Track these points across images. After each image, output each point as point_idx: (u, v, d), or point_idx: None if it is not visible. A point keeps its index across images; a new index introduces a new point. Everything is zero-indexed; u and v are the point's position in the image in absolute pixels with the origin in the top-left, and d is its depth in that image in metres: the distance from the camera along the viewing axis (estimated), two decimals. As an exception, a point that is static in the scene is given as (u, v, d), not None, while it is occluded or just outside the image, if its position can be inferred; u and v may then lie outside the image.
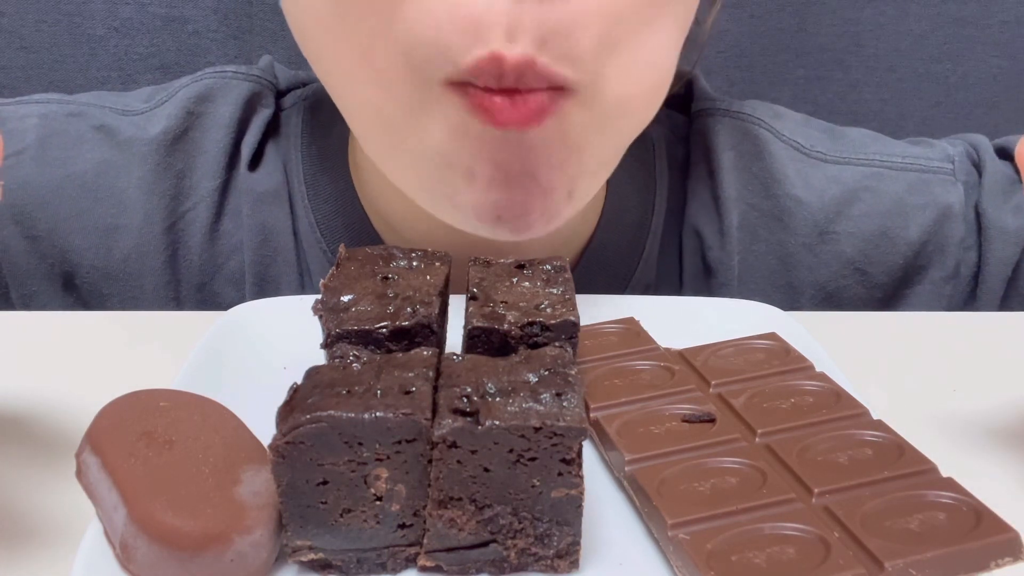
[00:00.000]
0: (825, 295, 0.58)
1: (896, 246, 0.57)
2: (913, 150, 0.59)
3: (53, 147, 0.54)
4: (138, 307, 0.56)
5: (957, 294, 0.58)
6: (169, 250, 0.55)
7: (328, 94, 0.47)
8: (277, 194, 0.55)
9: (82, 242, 0.55)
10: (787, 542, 0.29)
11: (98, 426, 0.33)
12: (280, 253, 0.56)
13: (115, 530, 0.30)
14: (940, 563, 0.29)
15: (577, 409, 0.29)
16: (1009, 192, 0.57)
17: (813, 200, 0.56)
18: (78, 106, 0.56)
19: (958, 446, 0.39)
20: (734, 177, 0.56)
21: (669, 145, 0.59)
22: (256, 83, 0.57)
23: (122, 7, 0.78)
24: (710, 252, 0.57)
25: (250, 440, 0.33)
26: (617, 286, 0.56)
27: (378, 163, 0.46)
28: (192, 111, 0.55)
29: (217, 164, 0.55)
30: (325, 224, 0.55)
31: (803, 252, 0.57)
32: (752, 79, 0.85)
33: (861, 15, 0.83)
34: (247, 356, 0.42)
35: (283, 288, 0.56)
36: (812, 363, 0.40)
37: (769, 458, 0.34)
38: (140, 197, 0.54)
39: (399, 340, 0.35)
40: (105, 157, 0.55)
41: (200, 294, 0.56)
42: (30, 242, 0.55)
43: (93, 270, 0.55)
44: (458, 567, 0.31)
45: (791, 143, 0.57)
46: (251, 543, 0.29)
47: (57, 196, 0.54)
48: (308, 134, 0.56)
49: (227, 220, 0.56)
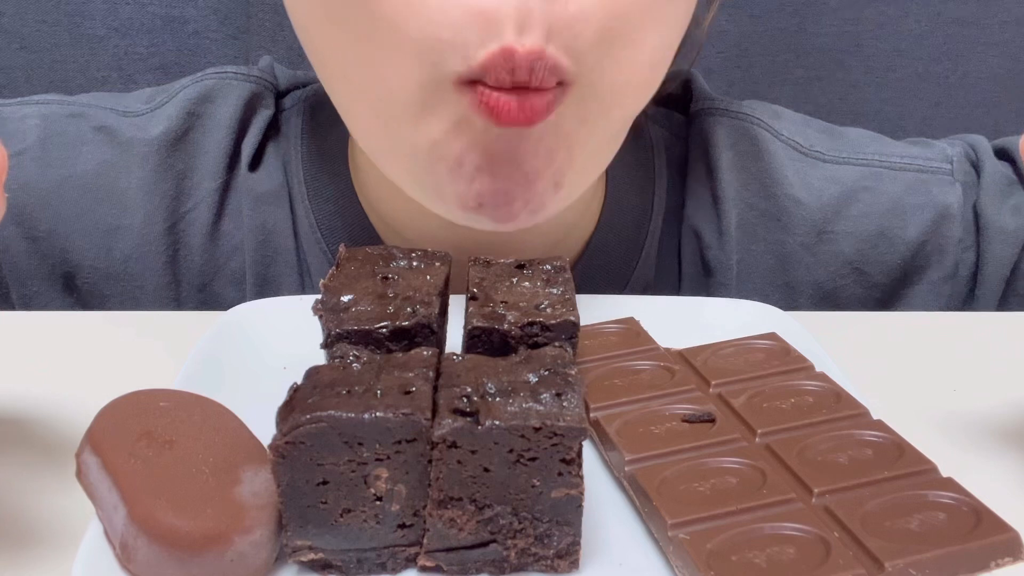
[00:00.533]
0: (823, 295, 0.58)
1: (894, 246, 0.57)
2: (912, 150, 0.59)
3: (54, 148, 0.54)
4: (138, 308, 0.56)
5: (956, 294, 0.58)
6: (170, 251, 0.55)
7: (327, 96, 0.47)
8: (277, 195, 0.55)
9: (83, 243, 0.55)
10: (787, 542, 0.29)
11: (98, 426, 0.33)
12: (280, 253, 0.56)
13: (115, 530, 0.30)
14: (940, 563, 0.29)
15: (577, 409, 0.29)
16: (1007, 192, 0.57)
17: (811, 200, 0.56)
18: (79, 107, 0.56)
19: (958, 446, 0.39)
20: (733, 177, 0.56)
21: (668, 145, 0.59)
22: (256, 84, 0.57)
23: (122, 7, 0.78)
24: (709, 252, 0.57)
25: (250, 440, 0.33)
26: (616, 286, 0.56)
27: (372, 156, 0.47)
28: (193, 112, 0.55)
29: (218, 165, 0.55)
30: (325, 224, 0.55)
31: (801, 252, 0.57)
32: (752, 79, 0.85)
33: (861, 15, 0.83)
34: (247, 356, 0.42)
35: (284, 288, 0.56)
36: (812, 363, 0.40)
37: (769, 458, 0.34)
38: (141, 198, 0.54)
39: (399, 340, 0.35)
40: (106, 158, 0.55)
41: (201, 294, 0.56)
42: (31, 243, 0.55)
43: (94, 271, 0.55)
44: (458, 567, 0.31)
45: (790, 143, 0.57)
46: (251, 543, 0.29)
47: (58, 197, 0.54)
48: (308, 135, 0.56)
49: (228, 220, 0.56)
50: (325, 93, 0.47)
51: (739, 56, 0.84)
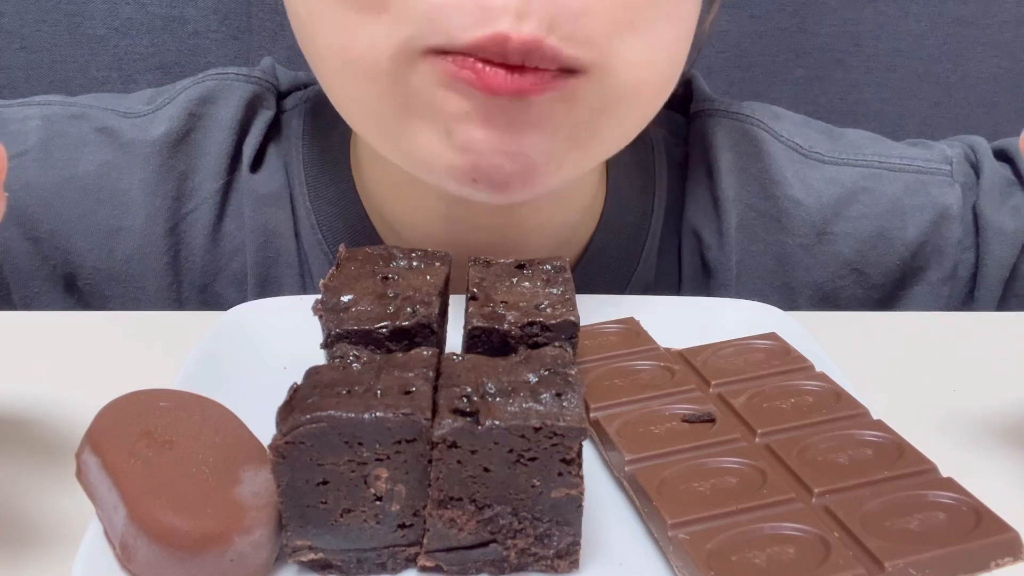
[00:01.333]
0: (822, 295, 0.58)
1: (893, 247, 0.57)
2: (911, 151, 0.59)
3: (56, 149, 0.54)
4: (140, 308, 0.56)
5: (955, 295, 0.58)
6: (171, 251, 0.55)
7: (327, 97, 0.47)
8: (278, 196, 0.56)
9: (84, 244, 0.55)
10: (787, 542, 0.29)
11: (98, 426, 0.33)
12: (282, 254, 0.56)
13: (115, 530, 0.30)
14: (940, 563, 0.29)
15: (577, 409, 0.29)
16: (1007, 193, 0.57)
17: (811, 201, 0.56)
18: (80, 108, 0.56)
19: (958, 446, 0.39)
20: (732, 178, 0.57)
21: (668, 146, 0.59)
22: (257, 85, 0.57)
23: (122, 7, 0.78)
24: (709, 252, 0.57)
25: (250, 440, 0.33)
26: (617, 286, 0.56)
27: (368, 139, 0.47)
28: (194, 113, 0.55)
29: (219, 166, 0.55)
30: (327, 225, 0.55)
31: (800, 253, 0.57)
32: (752, 79, 0.85)
33: (861, 15, 0.83)
34: (247, 356, 0.42)
35: (285, 289, 0.56)
36: (812, 363, 0.40)
37: (769, 458, 0.34)
38: (142, 199, 0.55)
39: (399, 340, 0.35)
40: (107, 159, 0.55)
41: (202, 295, 0.57)
42: (32, 243, 0.55)
43: (95, 271, 0.55)
44: (458, 567, 0.31)
45: (789, 144, 0.58)
46: (251, 543, 0.29)
47: (60, 198, 0.54)
48: (309, 136, 0.56)
49: (229, 221, 0.56)
50: (325, 95, 0.47)
51: (739, 56, 0.84)
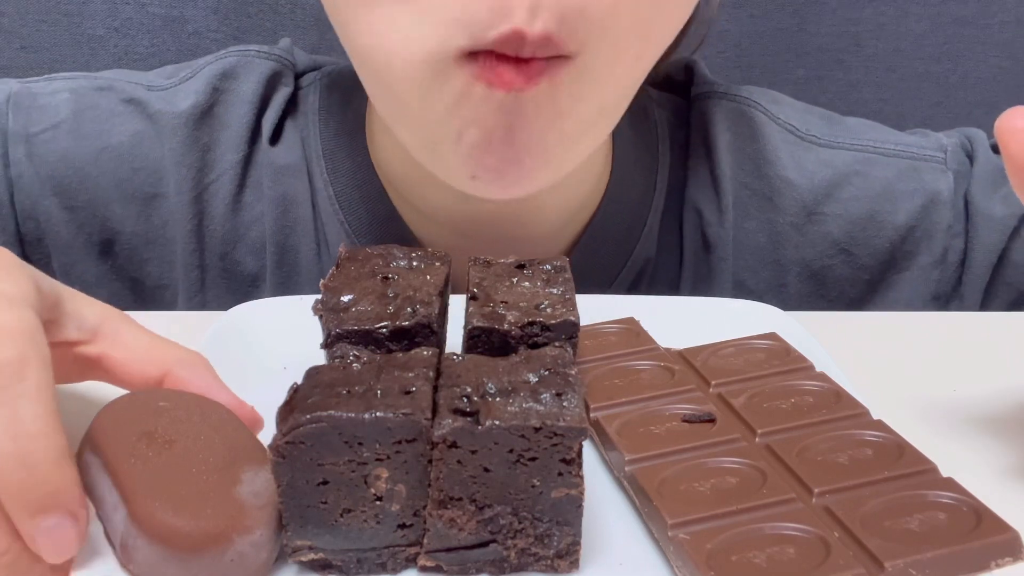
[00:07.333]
0: (810, 273, 0.59)
1: (883, 229, 0.58)
2: (907, 139, 0.60)
3: (87, 120, 0.56)
4: (172, 272, 0.58)
5: (944, 280, 0.59)
6: (195, 219, 0.57)
7: (341, 76, 0.49)
8: (297, 167, 0.58)
9: (123, 211, 0.57)
10: (787, 542, 0.29)
11: (98, 426, 0.33)
12: (299, 223, 0.58)
13: (115, 530, 0.30)
14: (940, 563, 0.29)
15: (577, 409, 0.29)
16: (999, 182, 0.58)
17: (803, 181, 0.58)
18: (105, 80, 0.58)
19: (958, 446, 0.39)
20: (729, 157, 0.58)
21: (671, 127, 0.61)
22: (277, 62, 0.59)
23: (122, 7, 0.78)
24: (709, 228, 0.59)
25: (250, 440, 0.33)
26: (619, 259, 0.58)
27: (388, 122, 0.49)
28: (217, 87, 0.57)
29: (240, 139, 0.57)
30: (343, 196, 0.57)
31: (790, 231, 0.58)
32: (752, 79, 0.85)
33: (861, 15, 0.84)
34: (247, 356, 0.42)
35: (302, 257, 0.58)
36: (812, 363, 0.40)
37: (769, 458, 0.34)
38: (171, 168, 0.57)
39: (399, 340, 0.35)
40: (139, 128, 0.57)
41: (223, 262, 0.58)
42: (69, 212, 0.57)
43: (134, 236, 0.58)
44: (458, 567, 0.31)
45: (786, 126, 0.59)
46: (251, 543, 0.29)
47: (96, 167, 0.56)
48: (325, 111, 0.58)
49: (249, 192, 0.58)
50: (340, 74, 0.49)
51: (739, 56, 0.84)
